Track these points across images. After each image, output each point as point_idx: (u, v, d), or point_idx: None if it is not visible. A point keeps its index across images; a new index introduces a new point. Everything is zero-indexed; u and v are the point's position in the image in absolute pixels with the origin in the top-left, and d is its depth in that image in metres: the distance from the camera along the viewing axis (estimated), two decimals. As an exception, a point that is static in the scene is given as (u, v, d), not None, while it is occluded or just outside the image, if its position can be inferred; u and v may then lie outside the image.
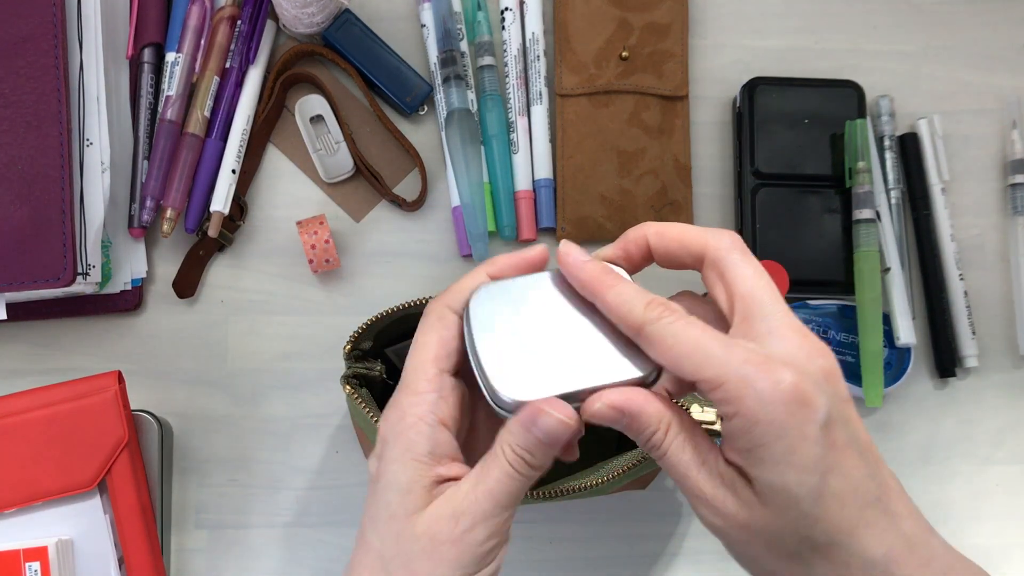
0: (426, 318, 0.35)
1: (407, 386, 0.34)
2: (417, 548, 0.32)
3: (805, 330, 0.32)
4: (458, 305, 0.35)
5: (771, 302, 0.32)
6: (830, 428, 0.30)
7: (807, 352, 0.31)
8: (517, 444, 0.33)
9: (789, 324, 0.31)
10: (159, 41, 0.60)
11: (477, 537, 0.32)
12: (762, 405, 0.29)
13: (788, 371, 0.29)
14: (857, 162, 0.60)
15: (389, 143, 0.62)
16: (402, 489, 0.33)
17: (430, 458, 0.33)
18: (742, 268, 0.33)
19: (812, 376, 0.30)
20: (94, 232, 0.54)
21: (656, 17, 0.63)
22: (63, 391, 0.51)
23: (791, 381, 0.29)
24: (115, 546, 0.52)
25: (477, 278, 0.35)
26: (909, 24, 0.66)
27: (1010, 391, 0.63)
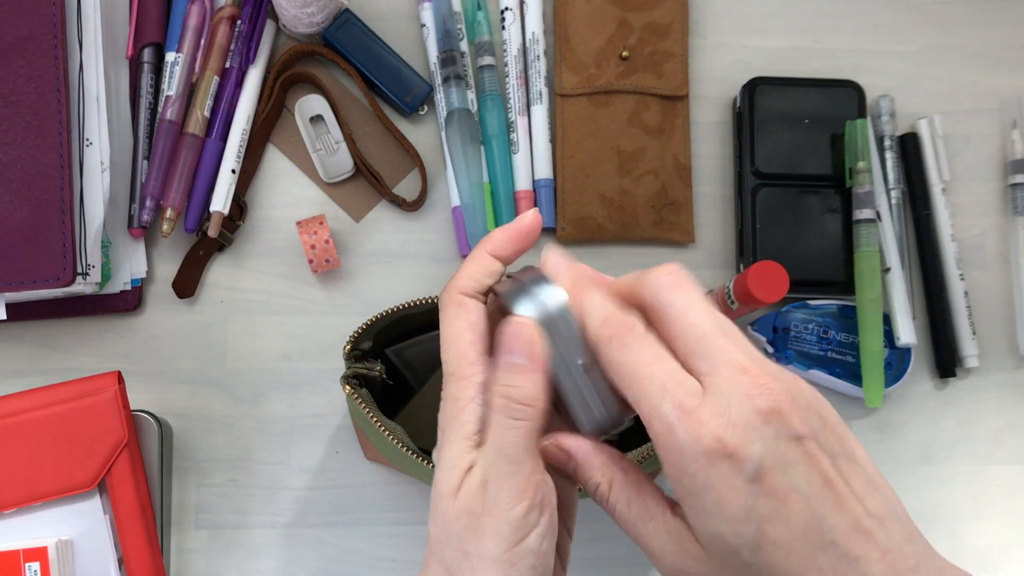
0: (446, 309, 0.35)
1: (452, 375, 0.34)
2: (460, 526, 0.32)
3: (750, 363, 0.30)
4: (472, 290, 0.35)
5: (711, 336, 0.30)
6: (765, 476, 0.28)
7: (747, 392, 0.29)
8: (500, 383, 0.32)
9: (729, 360, 0.29)
10: (159, 41, 0.59)
11: (505, 502, 0.32)
12: (684, 458, 0.29)
13: (712, 424, 0.28)
14: (857, 162, 0.60)
15: (389, 143, 0.62)
16: (447, 466, 0.33)
17: (477, 435, 0.33)
18: (676, 305, 0.31)
19: (744, 423, 0.28)
20: (94, 232, 0.54)
21: (656, 17, 0.63)
22: (63, 391, 0.51)
23: (712, 436, 0.28)
24: (115, 546, 0.52)
25: (482, 261, 0.35)
26: (909, 24, 0.66)
27: (1010, 391, 0.63)
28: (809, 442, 0.29)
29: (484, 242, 0.35)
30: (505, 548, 0.31)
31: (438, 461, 0.34)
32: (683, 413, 0.29)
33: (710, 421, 0.28)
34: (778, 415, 0.29)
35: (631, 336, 0.31)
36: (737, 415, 0.29)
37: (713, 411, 0.29)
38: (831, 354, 0.60)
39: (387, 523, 0.59)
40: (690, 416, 0.29)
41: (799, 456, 0.29)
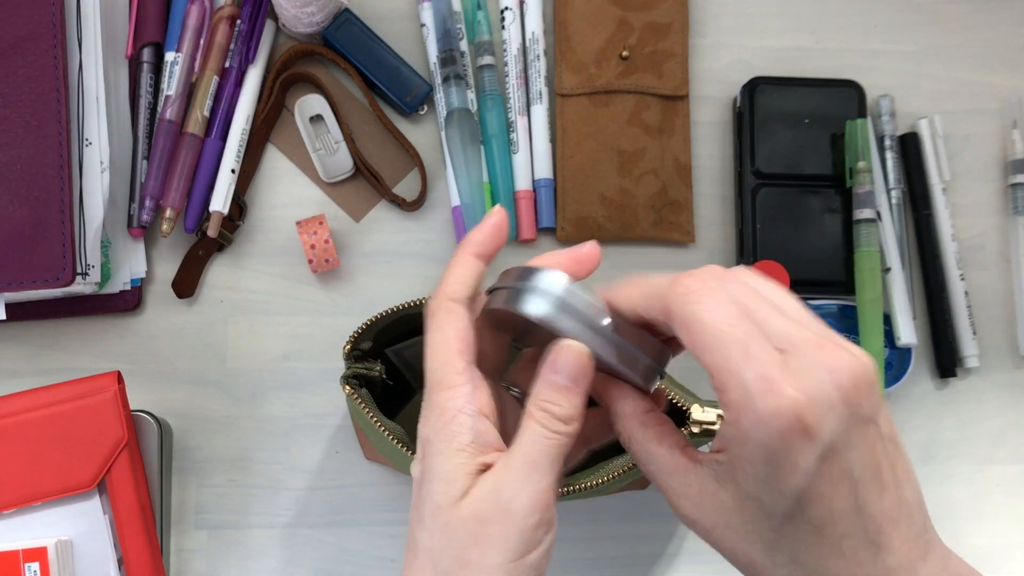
0: (434, 315, 0.35)
1: (438, 383, 0.34)
2: (464, 533, 0.32)
3: (827, 339, 0.29)
4: (460, 295, 0.35)
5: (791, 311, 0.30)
6: (828, 458, 0.29)
7: (829, 367, 0.28)
8: (541, 398, 0.32)
9: (807, 336, 0.29)
10: (158, 41, 0.59)
11: (520, 509, 0.31)
12: (757, 427, 0.28)
13: (794, 397, 0.28)
14: (857, 162, 0.60)
15: (389, 143, 0.62)
16: (445, 478, 0.32)
17: (473, 447, 0.33)
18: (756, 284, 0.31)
19: (824, 400, 0.28)
20: (93, 232, 0.54)
21: (656, 17, 0.63)
22: (63, 391, 0.51)
23: (793, 412, 0.28)
24: (115, 546, 0.52)
25: (465, 263, 0.35)
26: (909, 24, 0.66)
27: (1010, 391, 0.63)
28: (872, 425, 0.29)
29: (464, 245, 0.35)
30: (509, 559, 0.31)
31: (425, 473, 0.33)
32: (766, 383, 0.28)
33: (793, 396, 0.28)
34: (855, 393, 0.28)
35: (706, 291, 0.30)
36: (818, 391, 0.28)
37: (796, 384, 0.28)
38: (831, 354, 0.60)
39: (387, 523, 0.59)
40: (773, 387, 0.28)
41: (862, 440, 0.29)
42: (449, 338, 0.34)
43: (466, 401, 0.33)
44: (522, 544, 0.31)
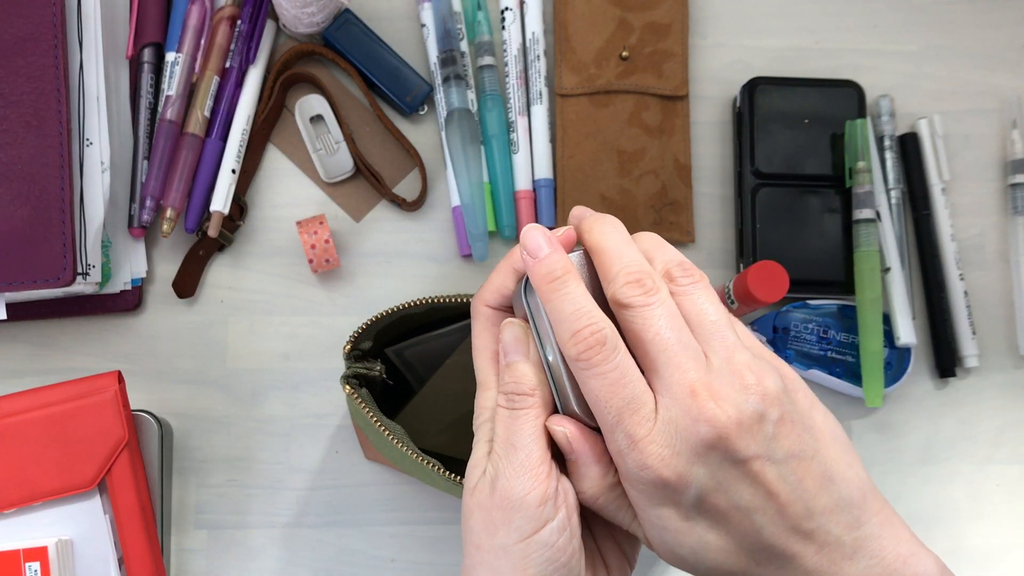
0: (475, 319, 0.37)
1: (480, 384, 0.36)
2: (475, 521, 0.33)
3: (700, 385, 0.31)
4: (495, 302, 0.36)
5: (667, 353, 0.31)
6: (707, 499, 0.31)
7: (693, 418, 0.30)
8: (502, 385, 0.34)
9: (681, 381, 0.31)
10: (159, 41, 0.59)
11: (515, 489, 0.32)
12: (630, 481, 0.31)
13: (657, 455, 0.30)
14: (857, 162, 0.60)
15: (389, 143, 0.62)
16: (470, 467, 0.34)
17: None
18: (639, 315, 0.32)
19: (689, 451, 0.30)
20: (94, 232, 0.54)
21: (656, 17, 0.63)
22: (63, 391, 0.51)
23: (655, 469, 0.30)
24: (115, 546, 0.52)
25: (506, 275, 0.36)
26: (909, 24, 0.66)
27: (1010, 391, 0.63)
28: (755, 461, 0.31)
29: (512, 254, 0.36)
30: (518, 538, 0.32)
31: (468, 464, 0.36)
32: (631, 443, 0.30)
33: (656, 452, 0.30)
34: (724, 441, 0.30)
35: (599, 357, 0.31)
36: (682, 444, 0.30)
37: (660, 441, 0.30)
38: (831, 354, 0.60)
39: (387, 523, 0.59)
40: (637, 446, 0.30)
41: (742, 477, 0.31)
42: (487, 341, 0.36)
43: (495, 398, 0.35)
44: (528, 523, 0.32)
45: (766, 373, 0.31)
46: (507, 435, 0.33)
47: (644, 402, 0.31)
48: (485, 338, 0.36)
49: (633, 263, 0.33)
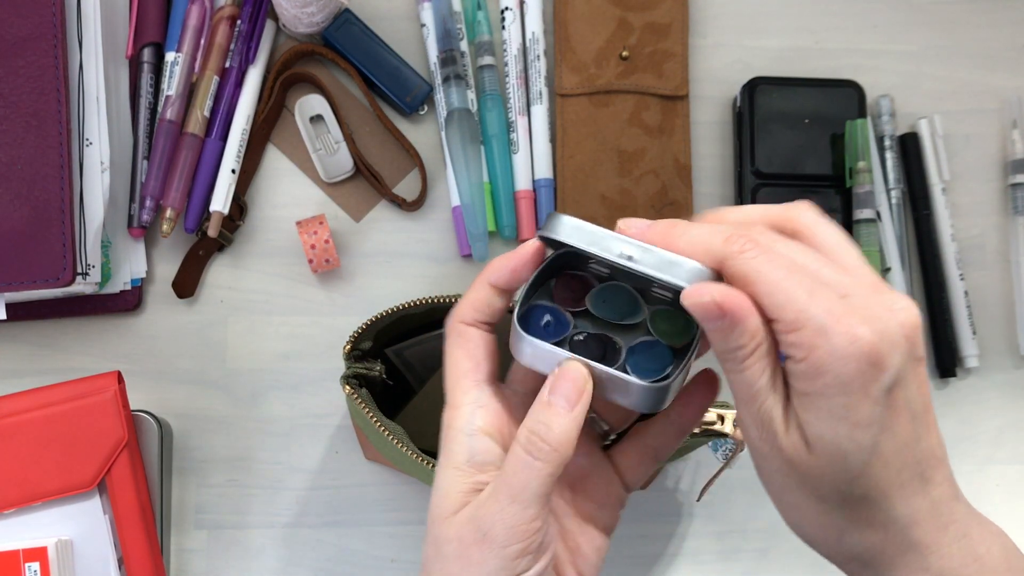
0: (448, 336, 0.36)
1: (447, 403, 0.35)
2: (449, 550, 0.32)
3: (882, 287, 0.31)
4: (471, 319, 0.35)
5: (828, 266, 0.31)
6: (894, 389, 0.30)
7: (889, 307, 0.30)
8: (533, 419, 0.32)
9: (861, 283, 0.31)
10: (159, 41, 0.59)
11: (499, 539, 0.32)
12: (833, 359, 0.29)
13: (867, 328, 0.29)
14: (857, 162, 0.60)
15: (389, 143, 0.62)
16: (440, 493, 0.33)
17: (469, 465, 0.33)
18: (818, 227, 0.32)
19: (891, 335, 0.29)
20: (94, 232, 0.54)
21: (656, 17, 0.63)
22: (63, 391, 0.51)
23: (868, 340, 0.29)
24: (115, 546, 0.52)
25: (481, 290, 0.35)
26: (909, 24, 0.66)
27: (1010, 391, 0.63)
28: (923, 366, 0.31)
29: (485, 270, 0.36)
30: None
31: (433, 486, 0.34)
32: (836, 316, 0.29)
33: (863, 326, 0.29)
34: (913, 333, 0.30)
35: (760, 248, 0.31)
36: (884, 328, 0.29)
37: (866, 317, 0.29)
38: (831, 354, 0.60)
39: (387, 523, 0.59)
40: (844, 319, 0.29)
41: (916, 377, 0.31)
42: (458, 359, 0.35)
43: (465, 420, 0.34)
44: (503, 571, 0.32)
45: None
46: (513, 483, 0.32)
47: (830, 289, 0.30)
48: (458, 355, 0.35)
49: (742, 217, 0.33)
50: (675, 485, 0.60)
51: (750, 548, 0.60)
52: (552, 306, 0.36)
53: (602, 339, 0.35)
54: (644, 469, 0.39)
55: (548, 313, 0.36)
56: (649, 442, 0.38)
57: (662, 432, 0.38)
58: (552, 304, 0.36)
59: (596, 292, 0.36)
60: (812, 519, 0.33)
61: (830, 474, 0.31)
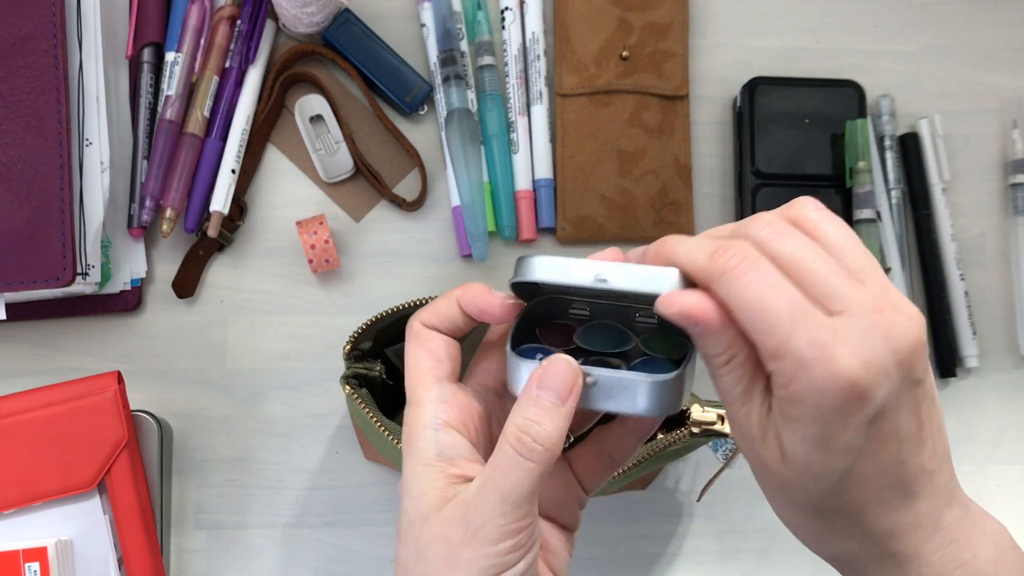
0: (408, 337, 0.36)
1: (409, 403, 0.34)
2: (433, 551, 0.32)
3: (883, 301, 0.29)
4: (432, 323, 0.35)
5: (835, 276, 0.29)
6: (878, 419, 0.29)
7: (884, 332, 0.28)
8: (522, 415, 0.31)
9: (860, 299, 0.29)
10: (159, 41, 0.59)
11: (490, 538, 0.31)
12: (811, 392, 0.28)
13: (854, 360, 0.27)
14: (858, 162, 0.60)
15: (389, 143, 0.62)
16: (414, 494, 0.33)
17: (439, 460, 0.33)
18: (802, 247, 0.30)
19: (879, 365, 0.28)
20: (93, 232, 0.54)
21: (656, 17, 0.63)
22: (63, 391, 0.51)
23: (850, 375, 0.27)
24: (115, 546, 0.52)
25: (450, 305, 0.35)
26: (909, 24, 0.66)
27: (1010, 391, 0.63)
28: (920, 387, 0.30)
29: (460, 288, 0.35)
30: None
31: (402, 489, 0.34)
32: (818, 348, 0.28)
33: (847, 359, 0.27)
34: (910, 358, 0.29)
35: (746, 264, 0.29)
36: (873, 357, 0.28)
37: (850, 349, 0.28)
38: (831, 354, 0.60)
39: (387, 523, 0.59)
40: (826, 352, 0.28)
41: (910, 401, 0.30)
42: (419, 356, 0.35)
43: (430, 416, 0.33)
44: (493, 568, 0.31)
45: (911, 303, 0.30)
46: (502, 484, 0.31)
47: (817, 309, 0.29)
48: (418, 353, 0.35)
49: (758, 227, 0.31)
50: (675, 485, 0.60)
51: (750, 548, 0.60)
52: (543, 346, 0.36)
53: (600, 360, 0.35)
54: (601, 475, 0.38)
55: (540, 352, 0.34)
56: (607, 448, 0.37)
57: (619, 438, 0.37)
58: (542, 345, 0.36)
59: (583, 330, 0.36)
60: (790, 520, 0.33)
61: (802, 488, 0.31)
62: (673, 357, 0.35)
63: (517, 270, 0.33)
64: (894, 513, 0.31)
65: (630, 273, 0.32)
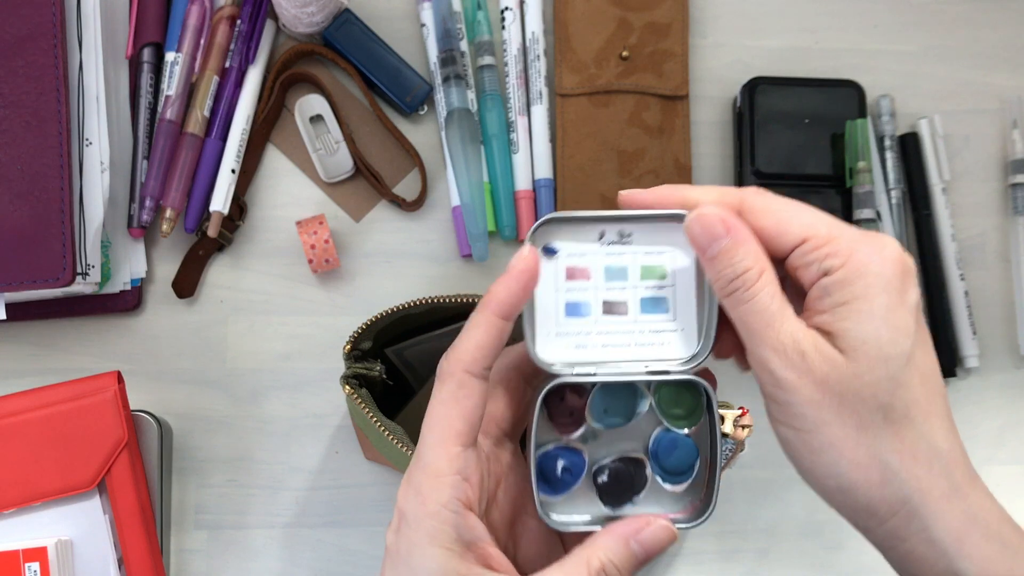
0: (444, 384, 0.31)
1: (427, 465, 0.31)
2: None
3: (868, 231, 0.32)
4: (479, 367, 0.31)
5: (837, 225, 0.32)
6: (918, 311, 0.31)
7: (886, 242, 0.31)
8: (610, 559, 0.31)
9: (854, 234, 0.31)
10: (159, 40, 0.59)
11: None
12: (874, 260, 0.30)
13: (894, 244, 0.31)
14: (858, 162, 0.60)
15: (389, 143, 0.62)
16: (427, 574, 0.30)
17: (459, 545, 0.30)
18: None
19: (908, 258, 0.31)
20: (93, 232, 0.54)
21: (656, 17, 0.63)
22: (63, 391, 0.51)
23: (899, 252, 0.30)
24: (115, 546, 0.52)
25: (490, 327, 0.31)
26: (909, 24, 0.66)
27: (1011, 391, 0.63)
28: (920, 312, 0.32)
29: (488, 303, 0.31)
30: None
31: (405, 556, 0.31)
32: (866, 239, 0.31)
33: (892, 243, 0.31)
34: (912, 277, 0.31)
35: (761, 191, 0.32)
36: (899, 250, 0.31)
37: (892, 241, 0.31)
38: (831, 354, 0.60)
39: (387, 523, 0.59)
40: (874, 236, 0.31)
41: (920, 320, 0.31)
42: (452, 416, 0.31)
43: (451, 495, 0.30)
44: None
45: None
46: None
47: None
48: (452, 413, 0.31)
49: None
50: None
51: (750, 548, 0.60)
52: (561, 447, 0.34)
53: (621, 470, 0.34)
54: None
55: (560, 457, 0.34)
56: None
57: None
58: (559, 442, 0.34)
59: (593, 403, 0.35)
60: (852, 455, 0.30)
61: (872, 382, 0.29)
62: (690, 426, 0.34)
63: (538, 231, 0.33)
64: (949, 432, 0.31)
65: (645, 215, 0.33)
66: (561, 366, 0.33)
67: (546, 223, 0.33)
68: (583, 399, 0.35)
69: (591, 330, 0.34)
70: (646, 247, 0.34)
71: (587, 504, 0.34)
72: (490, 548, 0.31)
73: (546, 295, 0.33)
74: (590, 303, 0.34)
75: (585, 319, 0.34)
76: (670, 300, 0.34)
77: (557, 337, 0.33)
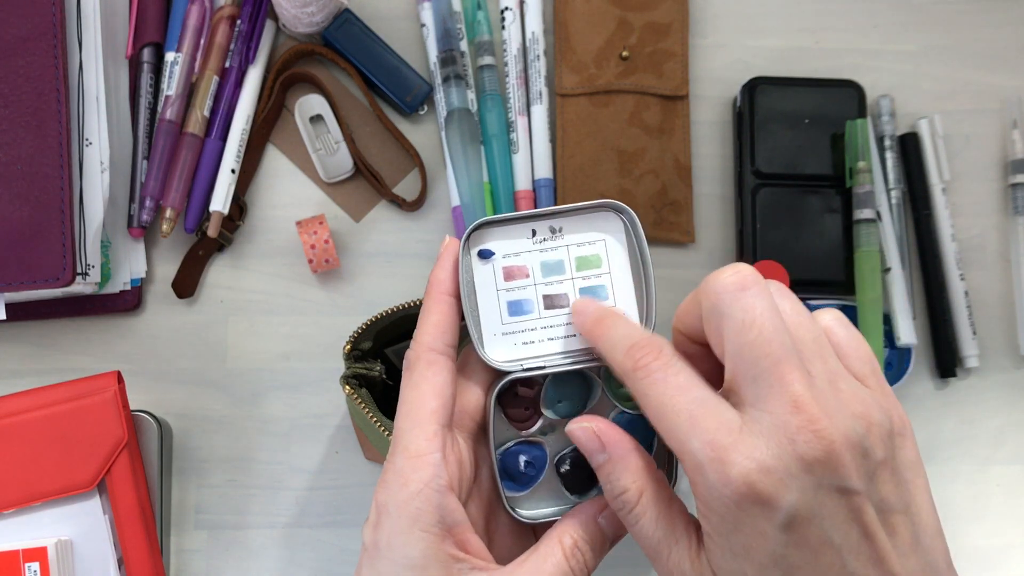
0: (412, 369, 0.32)
1: (405, 448, 0.31)
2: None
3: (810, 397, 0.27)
4: (442, 344, 0.32)
5: (769, 358, 0.27)
6: (798, 527, 0.26)
7: (790, 435, 0.26)
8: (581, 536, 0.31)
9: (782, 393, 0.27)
10: (158, 41, 0.59)
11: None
12: (712, 497, 0.27)
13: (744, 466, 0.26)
14: (858, 162, 0.60)
15: (389, 143, 0.62)
16: (416, 565, 0.29)
17: (440, 528, 0.30)
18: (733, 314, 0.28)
19: (782, 469, 0.26)
20: (93, 232, 0.54)
21: (656, 16, 0.63)
22: (63, 391, 0.51)
23: (743, 480, 0.26)
24: (114, 546, 0.52)
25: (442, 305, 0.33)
26: (909, 24, 0.66)
27: (1011, 391, 0.63)
28: (856, 497, 0.27)
29: (431, 287, 0.33)
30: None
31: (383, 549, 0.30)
32: (712, 451, 0.27)
33: (742, 463, 0.26)
34: (824, 465, 0.26)
35: (657, 363, 0.28)
36: (774, 459, 0.26)
37: (747, 451, 0.26)
38: (831, 354, 0.60)
39: (387, 523, 0.59)
40: (720, 455, 0.26)
41: (840, 509, 0.27)
42: (425, 395, 0.31)
43: (433, 473, 0.30)
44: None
45: (873, 408, 0.28)
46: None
47: (723, 409, 0.27)
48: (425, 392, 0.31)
49: None
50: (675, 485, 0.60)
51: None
52: (521, 442, 0.35)
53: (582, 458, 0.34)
54: None
55: (521, 453, 0.35)
56: None
57: None
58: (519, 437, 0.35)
59: (546, 395, 0.36)
60: None
61: None
62: None
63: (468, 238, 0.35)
64: None
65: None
66: (510, 364, 0.34)
67: (477, 228, 0.35)
68: (536, 393, 0.36)
69: (535, 326, 0.35)
70: (578, 238, 0.35)
71: (554, 495, 0.36)
72: (468, 534, 0.31)
73: (488, 297, 0.35)
74: (531, 300, 0.35)
75: (528, 316, 0.35)
76: (608, 287, 0.35)
77: (504, 336, 0.35)
